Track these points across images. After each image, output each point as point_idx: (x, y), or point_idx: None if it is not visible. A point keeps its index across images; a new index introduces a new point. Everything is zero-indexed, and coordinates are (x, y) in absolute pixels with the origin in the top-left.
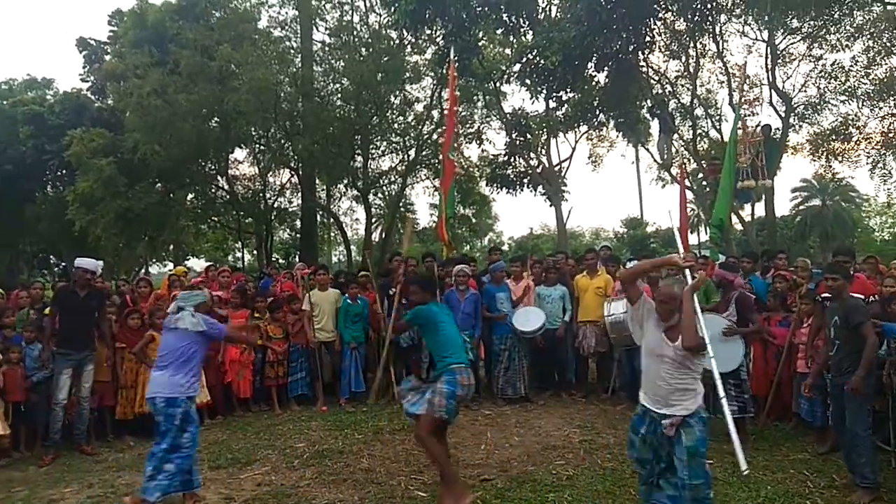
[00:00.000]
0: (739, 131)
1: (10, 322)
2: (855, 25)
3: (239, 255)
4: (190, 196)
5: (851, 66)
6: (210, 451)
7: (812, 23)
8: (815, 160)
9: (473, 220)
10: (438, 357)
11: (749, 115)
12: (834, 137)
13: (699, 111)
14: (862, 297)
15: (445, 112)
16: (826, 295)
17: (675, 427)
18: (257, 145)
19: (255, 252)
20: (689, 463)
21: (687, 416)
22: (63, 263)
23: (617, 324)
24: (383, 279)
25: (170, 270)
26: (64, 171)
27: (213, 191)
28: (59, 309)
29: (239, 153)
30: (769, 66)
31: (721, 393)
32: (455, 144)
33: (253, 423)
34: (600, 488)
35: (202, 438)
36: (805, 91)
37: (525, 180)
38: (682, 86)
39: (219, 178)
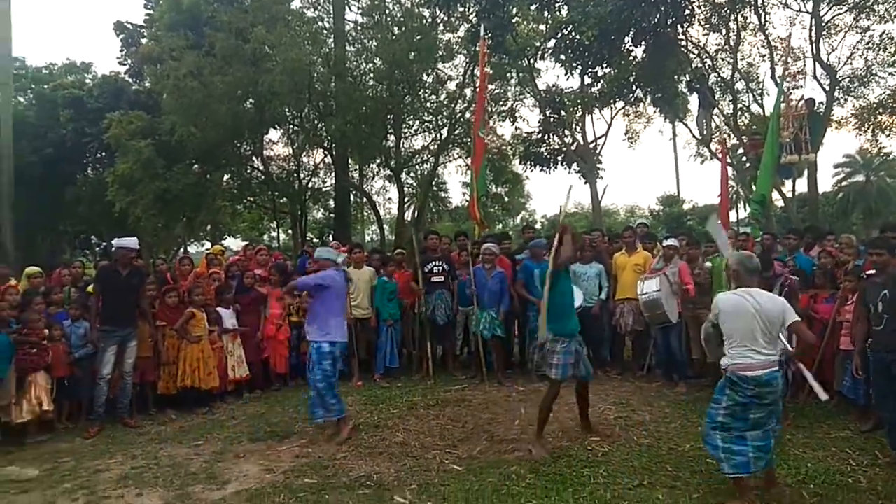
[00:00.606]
0: (782, 105)
1: (58, 299)
2: None
3: (274, 234)
4: (226, 177)
5: None
6: (250, 425)
7: None
8: (860, 134)
9: (506, 199)
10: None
11: (792, 89)
12: (881, 111)
13: (740, 85)
14: None
15: (477, 90)
16: (871, 271)
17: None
18: (291, 126)
19: (289, 231)
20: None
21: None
22: (104, 244)
23: (650, 302)
24: (421, 256)
25: (207, 250)
26: (103, 154)
27: (248, 171)
28: (102, 288)
29: (273, 134)
30: (813, 39)
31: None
32: (487, 121)
33: (290, 398)
34: (636, 464)
35: (242, 412)
36: (851, 63)
37: (559, 158)
38: (723, 59)
39: (254, 158)
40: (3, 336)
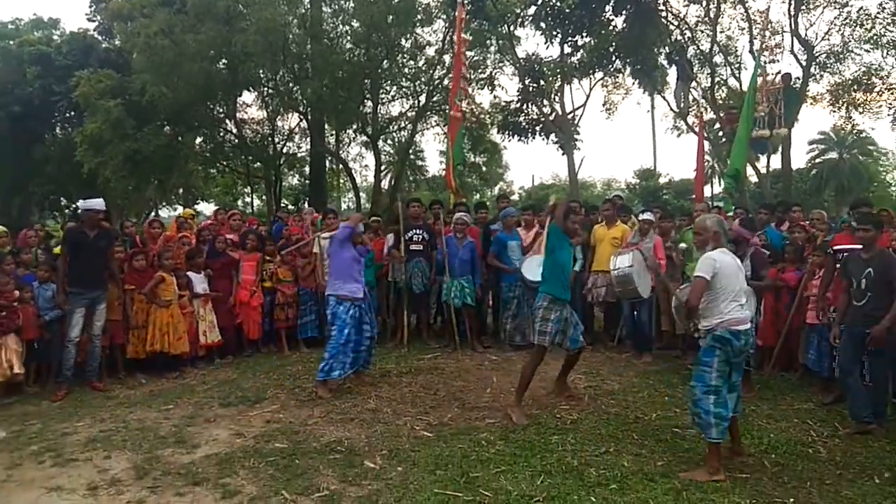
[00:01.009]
0: (759, 79)
1: (28, 259)
2: None
3: (248, 200)
4: (198, 140)
5: (878, 12)
6: (221, 390)
7: None
8: (834, 111)
9: (484, 169)
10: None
11: (769, 62)
12: (856, 87)
13: (718, 58)
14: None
15: (448, 58)
16: (857, 246)
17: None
18: (265, 88)
19: (263, 197)
20: (693, 369)
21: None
22: (74, 205)
23: (622, 277)
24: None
25: (179, 214)
26: (72, 113)
27: (221, 134)
28: (70, 250)
29: (247, 97)
30: (792, 13)
31: None
32: (464, 90)
33: (262, 364)
34: (604, 432)
35: (213, 377)
36: (828, 39)
37: (537, 128)
38: (702, 32)
39: (227, 121)
40: None
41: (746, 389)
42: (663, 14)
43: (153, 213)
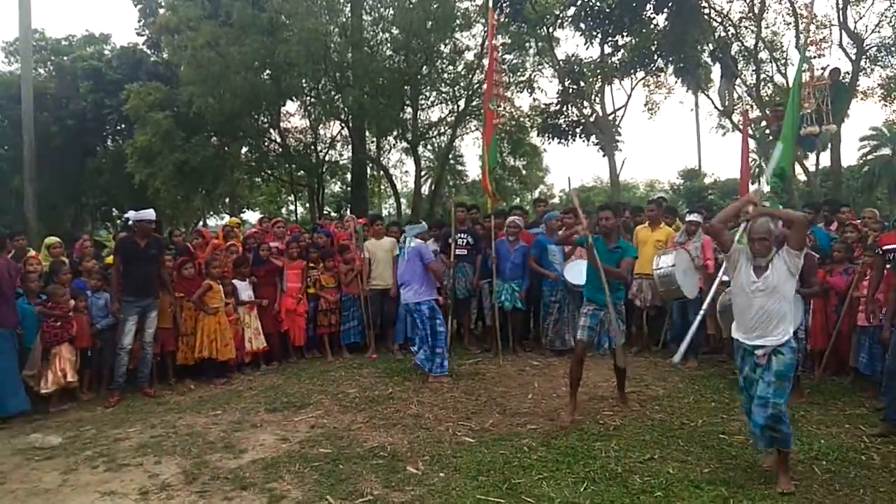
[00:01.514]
0: (805, 74)
1: (90, 266)
2: None
3: (292, 207)
4: (244, 149)
5: None
6: (267, 395)
7: None
8: (886, 105)
9: (523, 172)
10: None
11: (816, 58)
12: None
13: (764, 55)
14: None
15: (486, 62)
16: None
17: (766, 356)
18: (308, 97)
19: (307, 205)
20: (776, 385)
21: (778, 346)
22: (125, 216)
23: (665, 277)
24: (445, 229)
25: (225, 223)
26: (123, 126)
27: (266, 144)
28: (122, 259)
29: (290, 106)
30: (840, 6)
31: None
32: (500, 93)
33: (307, 370)
34: (648, 438)
35: (259, 383)
36: (878, 32)
37: (577, 130)
38: (746, 28)
39: (271, 131)
40: (30, 307)
41: (797, 395)
42: (706, 10)
43: (201, 223)
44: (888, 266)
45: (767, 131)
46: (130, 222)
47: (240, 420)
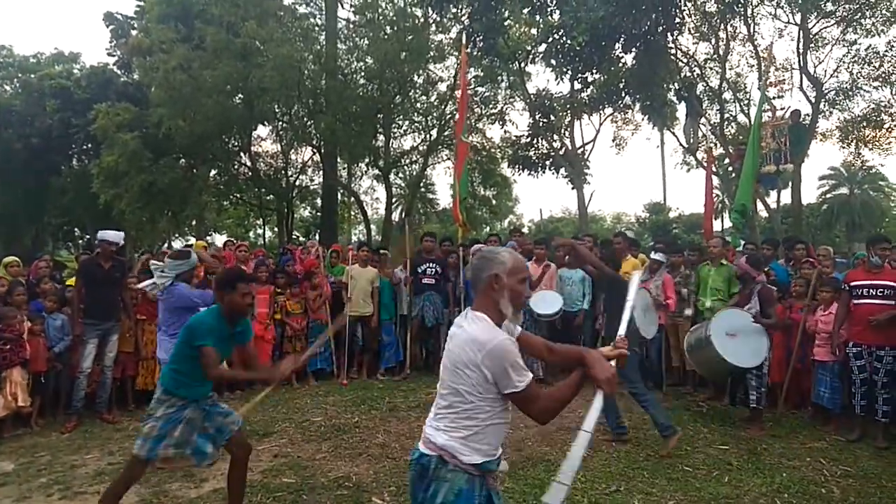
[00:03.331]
0: (765, 115)
1: (49, 288)
2: (892, 9)
3: (260, 231)
4: (213, 172)
5: (886, 51)
6: None
7: (847, 6)
8: (844, 147)
9: (494, 202)
10: None
11: (778, 98)
12: (865, 124)
13: (728, 95)
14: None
15: (458, 94)
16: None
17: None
18: (280, 122)
19: (275, 229)
20: None
21: None
22: (87, 236)
23: None
24: (415, 257)
25: (189, 245)
26: (89, 145)
27: (235, 167)
28: (84, 281)
29: (262, 130)
30: (801, 50)
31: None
32: (473, 124)
33: (271, 397)
34: (613, 470)
35: None
36: (837, 76)
37: (547, 162)
38: (711, 69)
39: (241, 154)
40: None
41: (758, 427)
42: (672, 51)
43: (166, 245)
44: (854, 302)
45: (731, 169)
46: (97, 241)
47: None
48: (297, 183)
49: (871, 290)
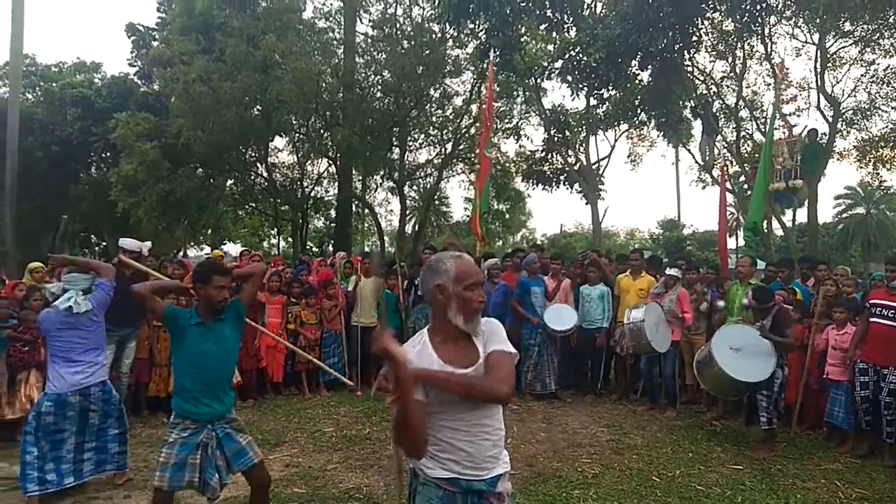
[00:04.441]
0: (777, 132)
1: None
2: None
3: (274, 241)
4: (230, 182)
5: None
6: None
7: (865, 27)
8: (861, 167)
9: (507, 216)
10: None
11: (792, 115)
12: (882, 144)
13: (744, 113)
14: None
15: (484, 107)
16: None
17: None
18: (297, 134)
19: (289, 239)
20: None
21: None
22: (104, 243)
23: (634, 330)
24: (413, 269)
25: (206, 254)
26: (108, 154)
27: (252, 178)
28: None
29: (279, 142)
30: (818, 70)
31: None
32: (492, 139)
33: (283, 406)
34: (626, 488)
35: None
36: (854, 96)
37: (562, 177)
38: (728, 87)
39: (258, 165)
40: None
41: (766, 449)
42: (689, 69)
43: (181, 254)
44: (870, 320)
45: (746, 187)
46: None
47: None
48: (313, 194)
49: (888, 311)
